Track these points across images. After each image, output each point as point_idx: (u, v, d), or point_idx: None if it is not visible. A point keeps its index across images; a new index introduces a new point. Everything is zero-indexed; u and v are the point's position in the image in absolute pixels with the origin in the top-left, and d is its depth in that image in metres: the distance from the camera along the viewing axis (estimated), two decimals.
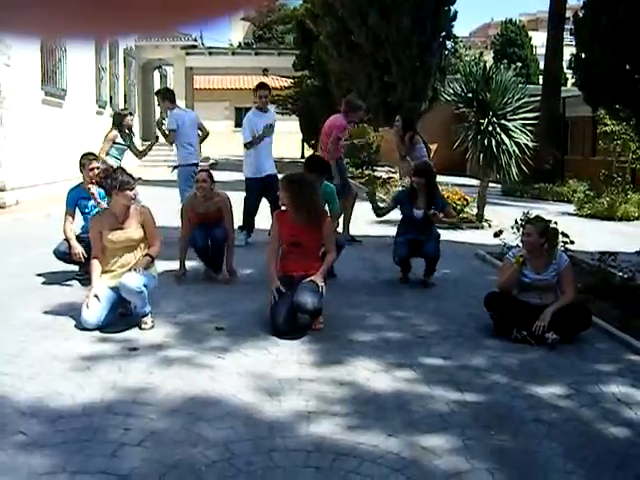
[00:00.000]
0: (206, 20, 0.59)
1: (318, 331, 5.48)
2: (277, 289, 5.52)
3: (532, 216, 6.38)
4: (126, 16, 0.58)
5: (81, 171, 7.17)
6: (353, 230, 9.79)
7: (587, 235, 10.22)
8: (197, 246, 7.21)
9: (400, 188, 11.73)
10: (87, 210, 7.10)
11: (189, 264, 7.33)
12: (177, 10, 0.58)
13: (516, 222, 7.62)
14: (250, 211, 9.46)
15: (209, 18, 0.59)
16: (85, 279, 6.76)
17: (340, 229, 8.83)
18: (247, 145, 9.42)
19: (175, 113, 9.71)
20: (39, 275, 7.18)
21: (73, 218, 7.07)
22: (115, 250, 5.70)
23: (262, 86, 9.67)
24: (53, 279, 7.02)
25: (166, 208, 8.98)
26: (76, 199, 7.12)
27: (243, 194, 9.46)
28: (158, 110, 32.12)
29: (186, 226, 7.12)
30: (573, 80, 19.23)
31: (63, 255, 6.88)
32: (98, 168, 7.10)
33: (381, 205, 8.13)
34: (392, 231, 7.94)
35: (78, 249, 6.74)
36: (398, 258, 7.19)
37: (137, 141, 12.00)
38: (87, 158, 7.19)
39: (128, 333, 5.34)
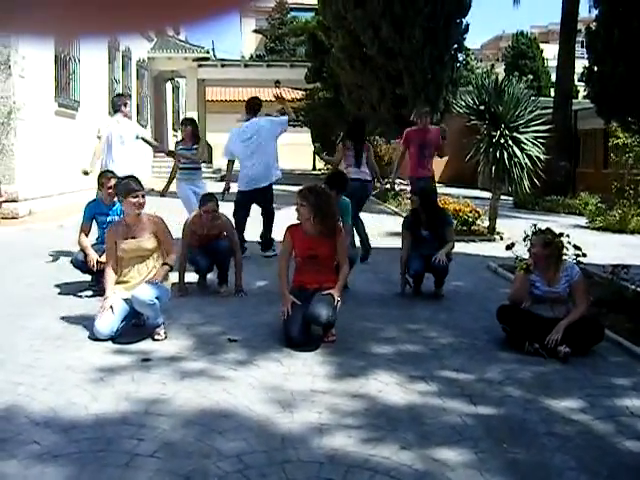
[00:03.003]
0: (213, 16, 0.59)
1: (331, 343, 5.48)
2: (291, 304, 5.53)
3: (542, 228, 6.36)
4: (129, 13, 0.58)
5: (99, 189, 7.24)
6: None
7: (599, 248, 10.17)
8: (200, 269, 7.20)
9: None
10: (104, 226, 7.12)
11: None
12: (181, 8, 0.58)
13: (527, 234, 7.59)
14: (236, 226, 8.36)
15: (217, 14, 0.59)
16: (98, 289, 6.81)
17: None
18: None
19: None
20: (53, 285, 7.22)
21: (88, 232, 7.11)
22: (128, 260, 5.72)
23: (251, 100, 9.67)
24: (67, 289, 7.06)
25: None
26: (93, 214, 7.19)
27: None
28: (170, 121, 32.20)
29: (186, 244, 7.03)
30: (585, 93, 19.22)
31: (80, 264, 6.93)
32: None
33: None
34: None
35: (94, 256, 6.79)
36: (414, 272, 7.19)
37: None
38: (105, 176, 7.26)
39: (141, 344, 5.35)
